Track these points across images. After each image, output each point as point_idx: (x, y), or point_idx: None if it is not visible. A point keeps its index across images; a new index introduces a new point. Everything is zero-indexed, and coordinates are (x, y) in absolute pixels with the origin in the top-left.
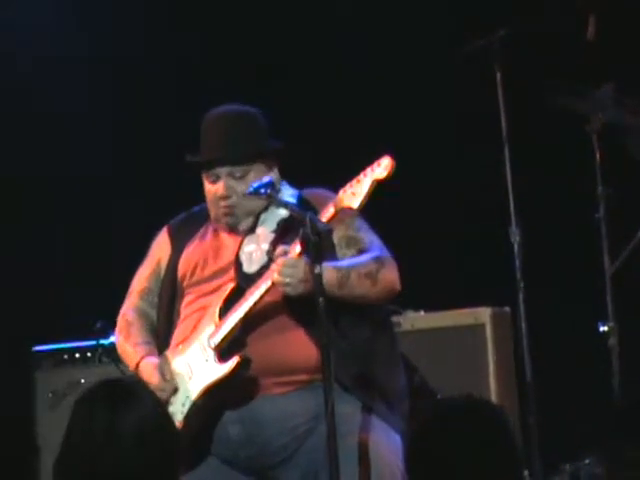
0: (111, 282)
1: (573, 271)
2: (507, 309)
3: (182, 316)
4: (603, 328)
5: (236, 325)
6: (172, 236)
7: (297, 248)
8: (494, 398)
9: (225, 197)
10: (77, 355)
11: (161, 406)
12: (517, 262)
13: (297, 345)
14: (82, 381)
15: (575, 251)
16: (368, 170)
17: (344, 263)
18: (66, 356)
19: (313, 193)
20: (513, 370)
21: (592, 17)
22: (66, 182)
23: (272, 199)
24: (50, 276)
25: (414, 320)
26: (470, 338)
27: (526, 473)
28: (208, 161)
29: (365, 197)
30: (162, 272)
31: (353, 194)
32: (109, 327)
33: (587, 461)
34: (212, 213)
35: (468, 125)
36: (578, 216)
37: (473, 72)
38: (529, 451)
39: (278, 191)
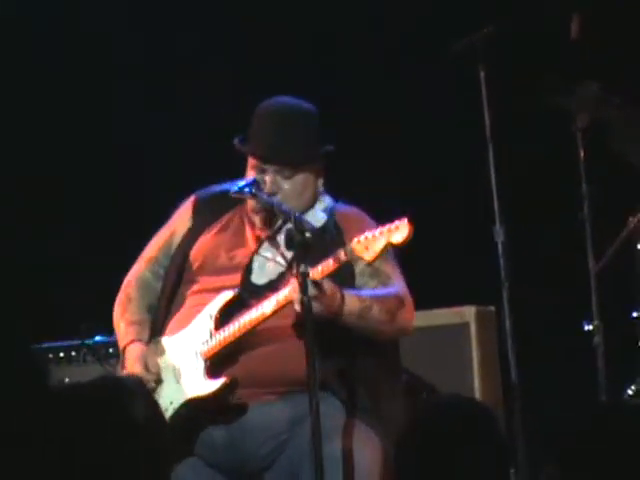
0: (97, 282)
1: (557, 270)
2: (492, 308)
3: (185, 304)
4: (588, 327)
5: (232, 340)
6: (196, 210)
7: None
8: (479, 396)
9: (270, 193)
10: (62, 354)
11: (157, 405)
12: (501, 261)
13: (289, 357)
14: (66, 380)
15: (559, 250)
16: (385, 230)
17: (367, 293)
18: (51, 355)
19: (345, 214)
20: (498, 369)
21: (576, 15)
22: (52, 182)
23: (256, 198)
24: (35, 275)
25: None
26: (455, 337)
27: (512, 471)
28: (256, 156)
29: (377, 256)
30: (173, 246)
31: (366, 248)
32: (94, 328)
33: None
34: (251, 204)
35: (452, 124)
36: (562, 215)
37: (457, 70)
38: (514, 449)
39: (262, 190)
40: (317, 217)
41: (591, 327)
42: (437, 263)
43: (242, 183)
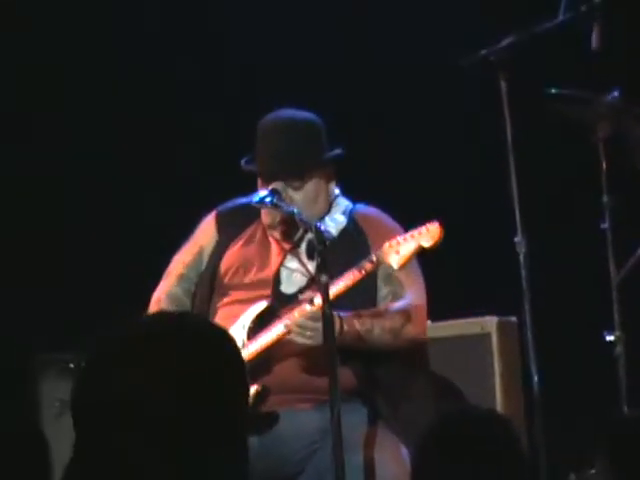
0: (118, 291)
1: (579, 280)
2: (513, 319)
3: (217, 315)
4: (609, 337)
5: (265, 349)
6: (219, 225)
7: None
8: (500, 408)
9: None
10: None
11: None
12: (523, 272)
13: (321, 365)
14: None
15: (581, 260)
16: (416, 233)
17: (370, 314)
18: (72, 365)
19: (365, 215)
20: (519, 380)
21: (597, 26)
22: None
23: (278, 208)
24: (57, 283)
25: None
26: (476, 348)
27: None
28: (263, 174)
29: (407, 260)
30: (204, 262)
31: (397, 253)
32: None
33: (593, 471)
34: (266, 220)
35: (473, 135)
36: (584, 226)
37: (478, 81)
38: (536, 461)
39: (284, 200)
40: (336, 220)
41: (613, 338)
42: (459, 274)
43: (263, 194)
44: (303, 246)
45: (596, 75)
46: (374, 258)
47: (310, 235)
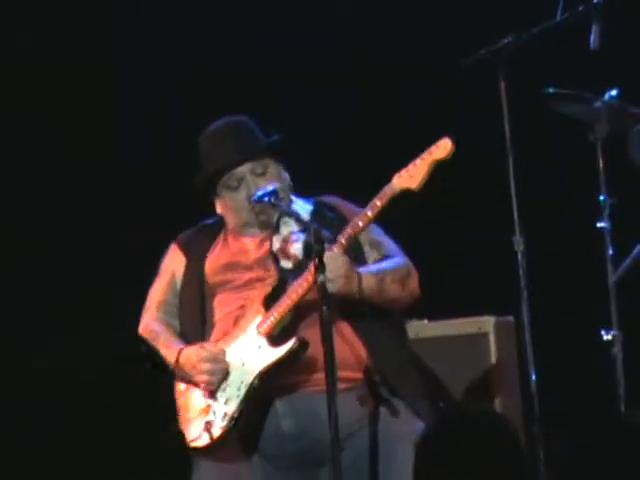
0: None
1: (576, 279)
2: (511, 318)
3: (219, 314)
4: (607, 336)
5: (286, 312)
6: (184, 248)
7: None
8: (498, 407)
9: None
10: None
11: None
12: (521, 271)
13: (347, 342)
14: None
15: (578, 259)
16: (425, 154)
17: (377, 267)
18: None
19: (330, 198)
20: (517, 379)
21: (596, 26)
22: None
23: (277, 207)
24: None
25: (418, 329)
26: (474, 347)
27: None
28: (233, 163)
29: (424, 178)
30: (178, 283)
31: (411, 177)
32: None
33: None
34: (239, 220)
35: (471, 134)
36: (581, 224)
37: (476, 81)
38: (533, 460)
39: (282, 199)
40: (304, 207)
41: (610, 337)
42: (456, 273)
43: (261, 192)
44: (283, 230)
45: (594, 75)
46: (388, 191)
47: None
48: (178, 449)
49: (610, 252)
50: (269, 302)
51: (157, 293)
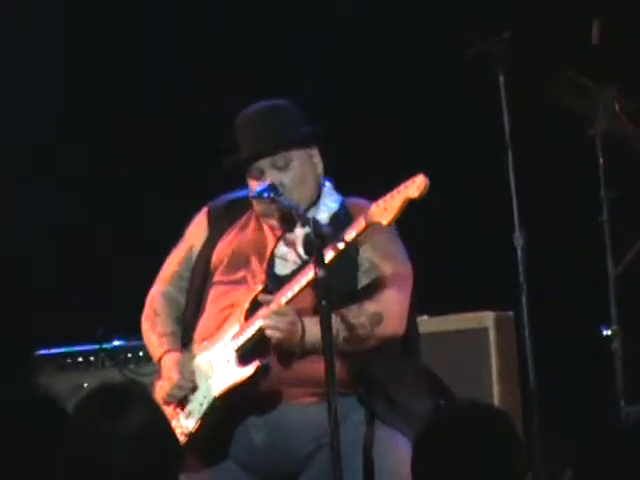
0: (113, 286)
1: (576, 275)
2: (510, 313)
3: (210, 309)
4: (606, 332)
5: (261, 328)
6: (211, 220)
7: (288, 294)
8: (497, 402)
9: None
10: (80, 359)
11: (158, 409)
12: (520, 266)
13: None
14: (85, 385)
15: (578, 255)
16: (402, 187)
17: (337, 318)
18: (69, 360)
19: (356, 203)
20: (516, 374)
21: (596, 21)
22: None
23: (275, 202)
24: (52, 279)
25: (418, 324)
26: (473, 342)
27: (529, 477)
28: (248, 157)
29: (396, 214)
30: (194, 258)
31: (385, 209)
32: (111, 333)
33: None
34: (258, 210)
35: (471, 128)
36: (581, 220)
37: (475, 75)
38: (532, 455)
39: (282, 194)
40: (328, 205)
41: (610, 332)
42: (456, 268)
43: (260, 188)
44: (296, 231)
45: (595, 70)
46: (363, 221)
47: (307, 229)
48: None
49: (610, 248)
50: (252, 311)
51: (173, 262)
